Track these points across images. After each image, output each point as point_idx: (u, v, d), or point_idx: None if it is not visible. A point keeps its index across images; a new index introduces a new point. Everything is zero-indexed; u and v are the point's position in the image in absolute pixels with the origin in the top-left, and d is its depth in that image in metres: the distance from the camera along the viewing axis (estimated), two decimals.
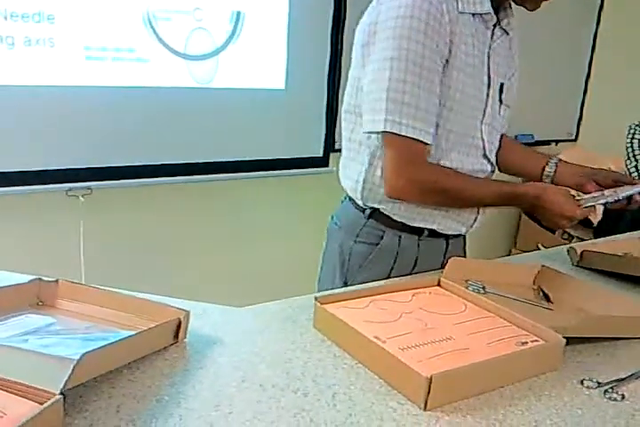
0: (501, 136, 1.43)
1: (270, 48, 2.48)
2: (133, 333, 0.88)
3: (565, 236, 3.22)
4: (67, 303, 1.04)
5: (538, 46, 3.32)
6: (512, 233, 3.61)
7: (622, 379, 0.93)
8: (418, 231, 1.33)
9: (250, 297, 1.22)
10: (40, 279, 1.05)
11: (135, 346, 0.89)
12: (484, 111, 1.29)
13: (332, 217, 1.45)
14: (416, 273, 1.35)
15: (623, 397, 0.88)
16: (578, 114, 3.62)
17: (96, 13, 2.10)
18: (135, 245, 2.46)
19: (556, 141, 3.55)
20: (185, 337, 0.97)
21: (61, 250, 2.28)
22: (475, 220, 1.38)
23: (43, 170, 2.12)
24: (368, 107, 1.21)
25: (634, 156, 2.61)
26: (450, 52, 1.18)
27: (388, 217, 1.32)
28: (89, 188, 2.23)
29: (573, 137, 3.62)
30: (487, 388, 0.88)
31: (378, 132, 1.21)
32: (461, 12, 1.18)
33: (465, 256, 1.49)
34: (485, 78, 1.27)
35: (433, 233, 1.34)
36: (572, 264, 1.44)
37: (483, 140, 1.31)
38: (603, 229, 3.01)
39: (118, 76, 2.20)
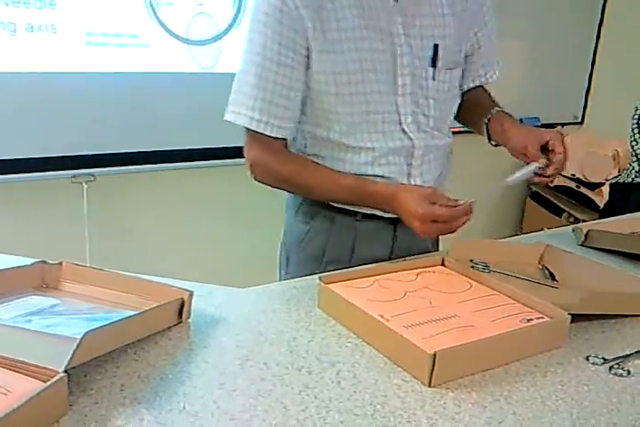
0: (469, 90, 1.38)
1: None
2: (137, 312, 0.88)
3: (571, 219, 3.21)
4: (70, 285, 1.04)
5: (542, 29, 3.30)
6: (518, 218, 3.60)
7: (628, 355, 0.93)
8: (353, 213, 1.28)
9: (256, 279, 1.21)
10: (44, 262, 1.05)
11: (139, 325, 0.89)
12: (395, 82, 1.20)
13: None
14: (357, 257, 1.29)
15: (629, 372, 0.88)
16: (583, 97, 3.59)
17: None
18: (139, 231, 2.47)
19: (562, 124, 3.53)
20: (189, 317, 0.97)
21: (66, 236, 2.29)
22: None
23: (46, 157, 2.12)
24: None
25: None
26: (308, 38, 1.13)
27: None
28: (92, 174, 2.23)
29: (579, 120, 3.60)
30: (492, 364, 0.87)
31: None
32: None
33: (436, 247, 1.44)
34: (388, 47, 1.17)
35: (371, 215, 1.27)
36: (578, 244, 1.43)
37: (398, 113, 1.22)
38: (609, 212, 3.00)
39: (121, 62, 2.19)
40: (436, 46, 1.22)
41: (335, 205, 1.27)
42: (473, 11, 1.28)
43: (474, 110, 1.36)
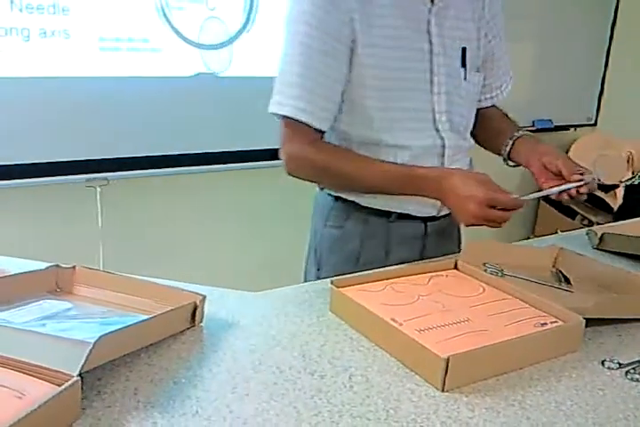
0: (485, 108, 1.40)
1: None
2: (150, 316, 0.89)
3: (585, 222, 3.18)
4: (84, 289, 1.04)
5: (554, 30, 3.28)
6: (531, 220, 3.58)
7: None
8: (386, 214, 1.29)
9: (267, 284, 1.21)
10: (58, 266, 1.05)
11: (152, 329, 0.89)
12: (432, 81, 1.23)
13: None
14: (391, 259, 1.29)
15: None
16: (597, 98, 3.56)
17: (110, 4, 2.10)
18: (152, 235, 2.47)
19: (575, 126, 3.50)
20: (201, 321, 0.98)
21: (80, 240, 2.30)
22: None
23: (60, 161, 2.13)
24: None
25: None
26: (355, 29, 1.14)
27: (353, 202, 1.29)
28: (106, 178, 2.24)
29: (593, 122, 3.57)
30: (506, 369, 0.87)
31: (273, 114, 1.21)
32: None
33: (458, 244, 1.45)
34: (426, 46, 1.21)
35: (403, 216, 1.29)
36: (592, 247, 1.42)
37: (433, 111, 1.25)
38: (623, 214, 2.97)
39: (133, 67, 2.20)
40: (464, 49, 1.27)
41: (368, 205, 1.28)
42: (487, 20, 1.32)
43: (491, 129, 1.39)
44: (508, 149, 1.32)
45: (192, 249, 2.57)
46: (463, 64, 1.27)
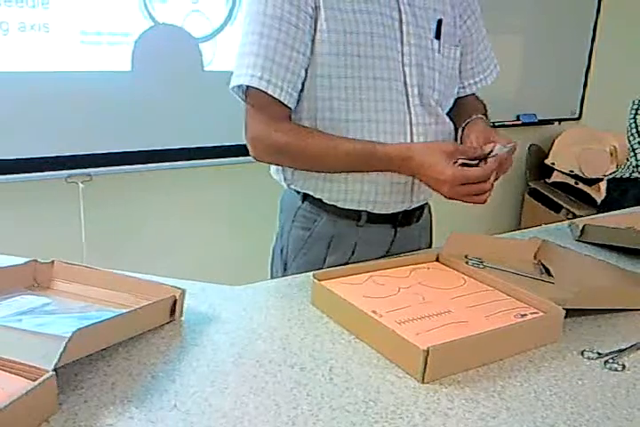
0: (466, 96, 1.36)
1: None
2: (128, 310, 0.88)
3: (570, 215, 3.20)
4: (62, 284, 1.03)
5: (538, 24, 3.29)
6: (516, 213, 3.59)
7: (623, 349, 0.92)
8: (355, 217, 1.26)
9: (251, 277, 1.21)
10: (36, 261, 1.04)
11: (130, 323, 0.88)
12: (402, 51, 1.18)
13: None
14: (355, 259, 1.27)
15: (624, 367, 0.87)
16: (581, 92, 3.58)
17: None
18: (135, 230, 2.46)
19: (560, 120, 3.52)
20: (181, 315, 0.97)
21: (62, 237, 2.28)
22: (411, 191, 1.25)
23: (41, 157, 2.11)
24: None
25: (637, 132, 2.58)
26: None
27: (320, 200, 1.25)
28: (88, 174, 2.22)
29: (577, 115, 3.59)
30: (486, 360, 0.87)
31: (234, 92, 1.17)
32: None
33: (429, 245, 1.43)
34: (395, 14, 1.17)
35: (373, 219, 1.26)
36: (574, 239, 1.43)
37: (405, 84, 1.19)
38: (607, 207, 2.99)
39: (114, 61, 2.18)
40: (439, 21, 1.22)
41: (336, 204, 1.24)
42: (460, 0, 1.28)
43: (457, 114, 1.32)
44: (460, 133, 1.26)
45: (175, 244, 2.56)
46: (437, 36, 1.22)
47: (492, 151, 1.08)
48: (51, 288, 1.03)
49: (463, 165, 1.06)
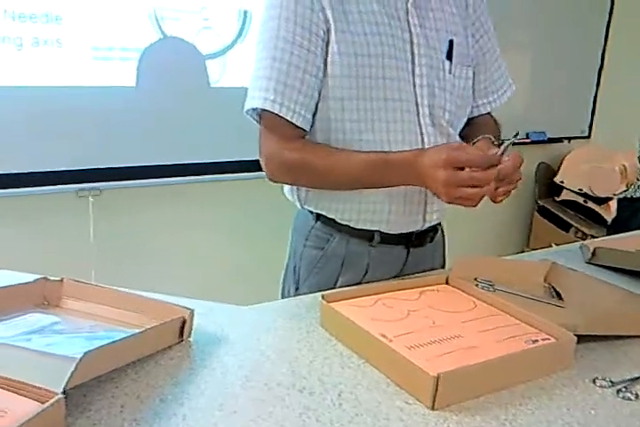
0: (480, 115, 1.35)
1: None
2: (137, 331, 0.88)
3: (579, 234, 3.19)
4: (72, 302, 1.03)
5: (549, 43, 3.30)
6: (525, 232, 3.58)
7: (636, 378, 0.91)
8: (368, 237, 1.26)
9: (259, 296, 1.21)
10: (45, 278, 1.04)
11: (139, 345, 0.88)
12: (414, 72, 1.18)
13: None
14: (368, 280, 1.27)
15: (637, 396, 0.86)
16: (590, 111, 3.58)
17: (103, 13, 2.10)
18: (144, 245, 2.46)
19: (569, 138, 3.52)
20: (190, 336, 0.97)
21: (72, 251, 2.28)
22: (424, 211, 1.25)
23: (52, 171, 2.12)
24: None
25: None
26: (327, 17, 1.12)
27: (334, 220, 1.25)
28: (98, 188, 2.23)
29: (586, 134, 3.59)
30: (497, 387, 0.86)
31: (249, 114, 1.18)
32: None
33: (440, 268, 1.40)
34: (406, 35, 1.17)
35: (386, 239, 1.26)
36: (585, 261, 1.42)
37: (416, 104, 1.19)
38: (617, 227, 2.97)
39: (125, 76, 2.19)
40: (451, 41, 1.23)
41: (349, 224, 1.24)
42: (472, 20, 1.29)
43: (467, 138, 1.29)
44: None
45: (184, 259, 2.55)
46: (449, 57, 1.23)
47: (503, 153, 1.04)
48: (60, 306, 1.03)
49: None
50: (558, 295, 1.18)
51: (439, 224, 1.36)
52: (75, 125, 2.13)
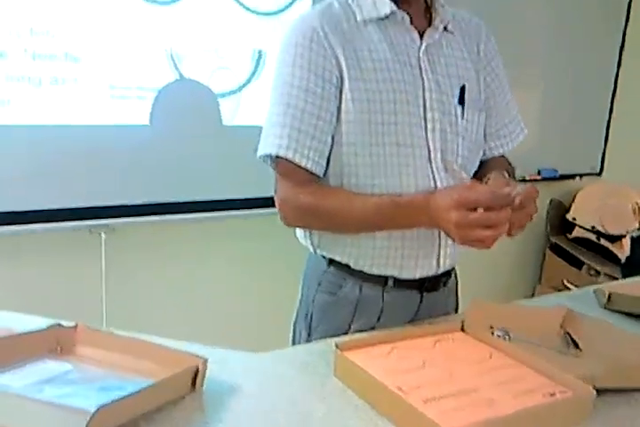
0: (492, 157, 1.35)
1: None
2: (150, 382, 0.87)
3: (592, 272, 3.16)
4: (85, 349, 1.03)
5: (560, 80, 3.32)
6: (537, 269, 3.55)
7: None
8: (381, 282, 1.25)
9: (272, 338, 1.20)
10: (59, 325, 1.04)
11: (152, 396, 0.87)
12: (425, 117, 1.19)
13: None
14: (382, 325, 1.25)
15: None
16: (602, 147, 3.58)
17: (120, 52, 2.13)
18: (156, 283, 2.45)
19: (580, 175, 3.51)
20: (202, 385, 0.96)
21: (83, 288, 2.28)
22: (437, 256, 1.24)
23: (67, 208, 2.14)
24: None
25: None
26: (340, 65, 1.14)
27: (347, 265, 1.25)
28: (110, 225, 2.24)
29: (597, 171, 3.58)
30: None
31: (263, 160, 1.20)
32: (364, 20, 1.17)
33: (454, 312, 1.40)
34: (418, 81, 1.19)
35: (400, 284, 1.26)
36: (601, 307, 1.40)
37: (428, 148, 1.20)
38: (631, 265, 2.95)
39: (143, 115, 2.22)
40: (462, 87, 1.24)
41: (363, 269, 1.24)
42: (484, 64, 1.30)
43: (479, 177, 1.29)
44: None
45: (198, 299, 2.53)
46: (461, 102, 1.23)
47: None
48: (73, 353, 1.03)
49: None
50: (575, 343, 1.16)
51: (453, 269, 1.36)
52: (91, 163, 2.15)
